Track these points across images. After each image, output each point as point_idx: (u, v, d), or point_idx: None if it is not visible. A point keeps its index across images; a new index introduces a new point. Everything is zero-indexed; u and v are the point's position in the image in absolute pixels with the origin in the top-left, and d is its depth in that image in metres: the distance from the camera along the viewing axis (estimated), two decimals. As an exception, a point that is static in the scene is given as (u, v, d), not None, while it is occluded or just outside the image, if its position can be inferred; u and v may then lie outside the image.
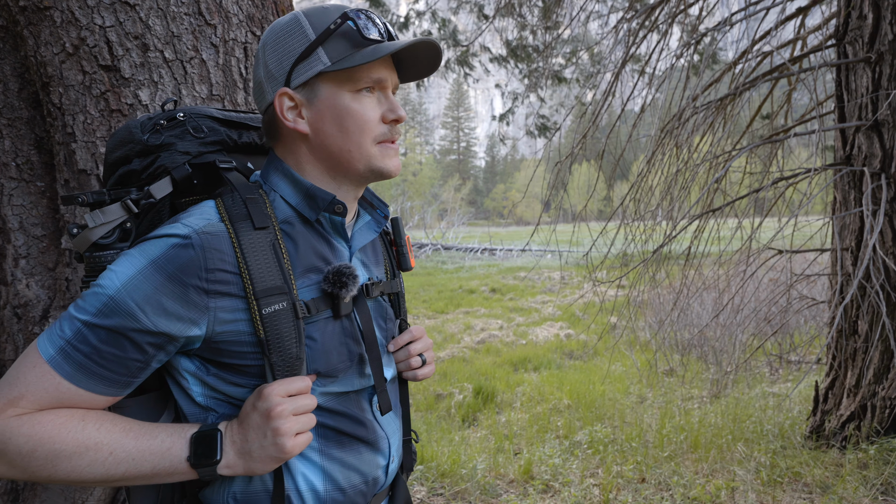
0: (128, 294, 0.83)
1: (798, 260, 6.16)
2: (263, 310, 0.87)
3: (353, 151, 0.95)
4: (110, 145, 1.00)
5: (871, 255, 3.12)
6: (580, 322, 10.26)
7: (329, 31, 0.92)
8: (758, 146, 4.24)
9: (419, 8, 7.59)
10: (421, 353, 1.12)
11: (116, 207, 0.93)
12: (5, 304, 1.72)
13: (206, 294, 0.85)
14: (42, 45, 1.52)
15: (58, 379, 0.83)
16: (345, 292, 0.93)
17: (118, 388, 0.86)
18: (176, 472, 0.86)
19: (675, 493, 3.21)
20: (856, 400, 3.57)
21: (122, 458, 0.84)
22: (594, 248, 4.49)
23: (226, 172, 0.97)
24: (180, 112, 1.01)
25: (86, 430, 0.84)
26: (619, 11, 6.54)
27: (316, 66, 0.92)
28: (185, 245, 0.85)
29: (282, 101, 0.94)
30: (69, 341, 0.83)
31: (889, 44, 3.28)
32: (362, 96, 0.95)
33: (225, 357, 0.90)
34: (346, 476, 0.97)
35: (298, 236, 0.96)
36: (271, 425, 0.84)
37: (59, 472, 0.83)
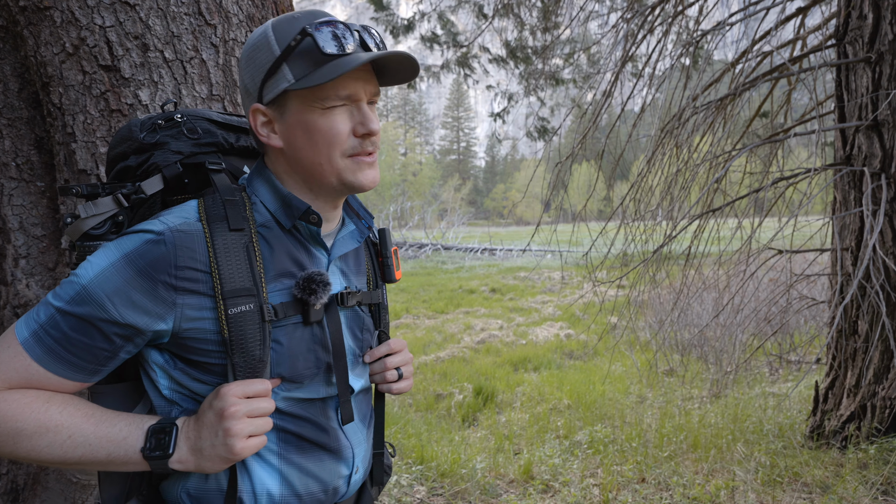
0: (99, 285, 0.85)
1: (798, 260, 6.16)
2: (230, 310, 0.88)
3: (323, 165, 0.95)
4: (112, 142, 1.04)
5: (871, 255, 3.12)
6: (580, 322, 10.26)
7: (290, 47, 0.90)
8: (758, 146, 4.24)
9: (423, 9, 7.59)
10: (398, 366, 1.11)
11: (108, 200, 0.95)
12: (5, 304, 1.72)
13: (174, 290, 0.87)
14: (42, 45, 1.52)
15: (28, 360, 0.86)
16: (314, 299, 0.94)
17: (86, 374, 0.89)
18: (129, 462, 0.87)
19: (674, 493, 3.21)
20: (856, 400, 3.57)
21: (80, 442, 0.86)
22: (594, 248, 4.49)
23: (213, 174, 0.99)
24: (178, 113, 1.03)
25: (48, 412, 0.86)
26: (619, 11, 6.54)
27: (282, 83, 0.92)
28: (157, 241, 0.87)
29: (256, 116, 0.95)
30: (42, 325, 0.86)
31: (889, 44, 3.28)
32: (331, 112, 0.93)
33: (191, 353, 0.91)
34: (304, 483, 0.97)
35: (275, 241, 0.97)
36: (223, 425, 0.85)
37: (19, 449, 0.85)
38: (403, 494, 3.29)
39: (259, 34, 0.94)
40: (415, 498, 3.28)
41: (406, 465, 3.67)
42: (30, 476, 1.69)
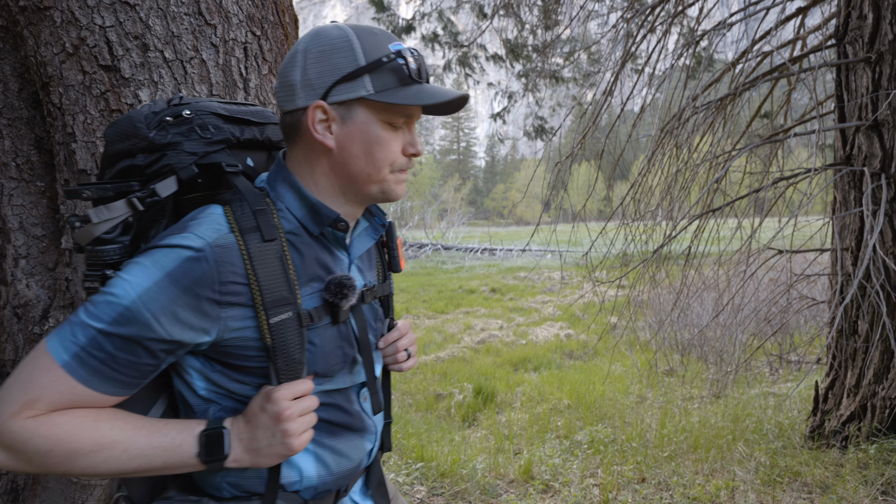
0: (143, 305, 0.85)
1: (798, 260, 6.16)
2: (271, 319, 0.91)
3: (372, 175, 0.99)
4: (111, 136, 0.99)
5: (871, 255, 3.12)
6: (580, 322, 10.26)
7: (381, 62, 0.94)
8: (758, 146, 4.24)
9: (425, 10, 7.59)
10: (406, 347, 1.18)
11: (121, 204, 0.93)
12: (5, 304, 1.72)
13: (218, 305, 0.88)
14: (42, 45, 1.52)
15: (73, 383, 0.85)
16: (345, 302, 0.98)
17: (129, 388, 0.90)
18: (186, 466, 0.91)
19: (674, 493, 3.21)
20: (856, 400, 3.57)
21: (135, 454, 0.88)
22: (594, 248, 4.49)
23: (233, 177, 0.98)
24: (186, 109, 1.00)
25: (100, 430, 0.87)
26: (619, 11, 6.54)
27: (359, 90, 0.94)
28: (198, 259, 0.87)
29: (315, 112, 0.95)
30: (84, 348, 0.85)
31: (889, 44, 3.28)
32: (393, 129, 0.98)
33: (231, 359, 0.93)
34: (337, 461, 1.04)
35: (303, 247, 0.99)
36: (281, 427, 0.90)
37: (75, 467, 0.86)
38: (403, 494, 3.29)
39: (339, 37, 0.95)
40: (415, 498, 3.28)
41: (406, 465, 3.67)
42: (30, 476, 1.69)
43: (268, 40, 1.73)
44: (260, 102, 1.70)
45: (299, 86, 0.96)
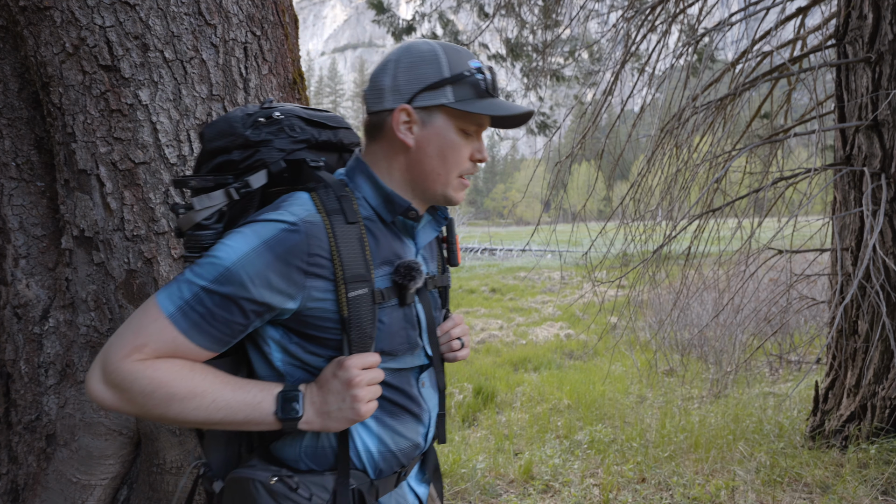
0: (242, 267, 0.96)
1: (798, 260, 6.15)
2: (349, 293, 1.01)
3: (441, 176, 1.11)
4: (209, 134, 1.11)
5: (871, 255, 3.12)
6: (580, 322, 10.26)
7: (463, 76, 1.07)
8: (758, 146, 4.24)
9: (424, 10, 7.59)
10: (460, 336, 1.27)
11: (219, 194, 1.06)
12: (5, 304, 1.72)
13: (304, 274, 0.99)
14: (42, 45, 1.52)
15: (175, 333, 0.96)
16: (412, 284, 1.07)
17: (220, 345, 1.00)
18: (263, 423, 1.00)
19: (674, 493, 3.21)
20: (856, 400, 3.57)
21: (222, 405, 0.98)
22: (594, 248, 4.48)
23: (316, 171, 1.11)
24: (277, 111, 1.13)
25: (194, 379, 0.97)
26: (619, 10, 6.54)
27: (440, 98, 1.07)
28: (293, 230, 0.98)
29: (400, 114, 1.07)
30: (187, 302, 0.97)
31: (889, 44, 3.28)
32: (465, 136, 1.10)
33: (309, 329, 1.04)
34: (395, 440, 1.13)
35: (378, 232, 1.10)
36: (351, 392, 0.99)
37: (170, 412, 0.96)
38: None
39: (428, 52, 1.09)
40: (415, 498, 3.28)
41: (406, 465, 3.67)
42: (30, 476, 1.69)
43: (268, 40, 1.73)
44: (260, 102, 1.70)
45: (388, 90, 1.09)
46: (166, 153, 1.56)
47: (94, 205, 1.56)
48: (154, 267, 1.57)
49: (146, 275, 1.57)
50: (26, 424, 1.69)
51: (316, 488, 1.03)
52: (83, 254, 1.61)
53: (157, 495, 1.65)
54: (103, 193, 1.55)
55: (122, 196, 1.55)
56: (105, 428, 1.63)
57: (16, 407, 1.71)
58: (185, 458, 1.64)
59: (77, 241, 1.61)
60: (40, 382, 1.68)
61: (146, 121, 1.53)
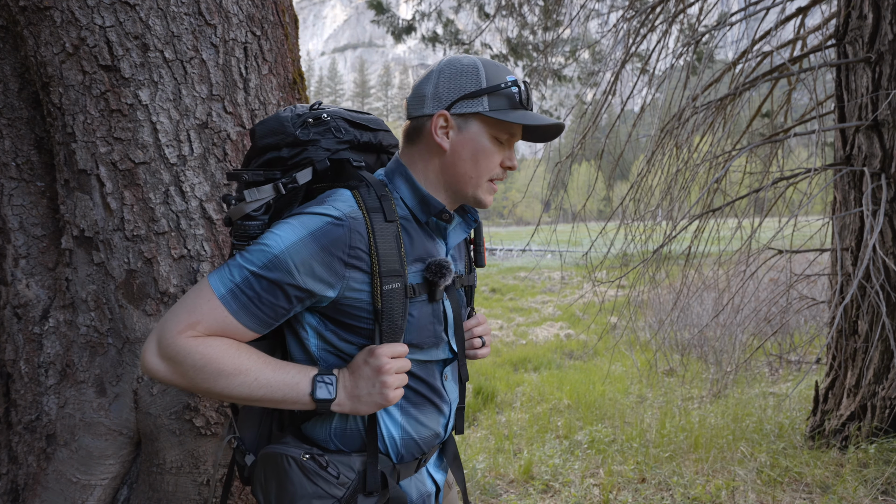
0: (289, 255, 1.04)
1: (798, 260, 6.15)
2: (384, 286, 1.08)
3: (472, 179, 1.18)
4: (261, 132, 1.18)
5: (871, 255, 3.12)
6: (580, 322, 10.26)
7: (499, 87, 1.15)
8: (758, 146, 4.24)
9: (423, 10, 7.58)
10: (481, 335, 1.34)
11: (269, 188, 1.13)
12: (5, 304, 1.72)
13: (345, 265, 1.07)
14: (42, 45, 1.52)
15: (225, 313, 1.05)
16: (442, 281, 1.14)
17: (264, 327, 1.08)
18: (298, 403, 1.07)
19: (675, 493, 3.21)
20: (856, 400, 3.57)
21: (263, 383, 1.05)
22: (594, 248, 4.48)
23: (359, 170, 1.18)
24: (324, 112, 1.20)
25: (240, 357, 1.05)
26: (619, 10, 6.54)
27: (477, 107, 1.15)
28: (337, 224, 1.06)
29: (439, 119, 1.15)
30: (238, 285, 1.05)
31: (889, 44, 3.28)
32: (496, 143, 1.18)
33: (344, 317, 1.11)
34: (417, 429, 1.20)
35: (413, 232, 1.17)
36: (380, 378, 1.06)
37: (216, 386, 1.04)
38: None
39: (469, 64, 1.17)
40: (415, 498, 3.28)
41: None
42: (30, 476, 1.69)
43: (268, 40, 1.73)
44: (260, 102, 1.70)
45: (429, 97, 1.18)
46: (166, 153, 1.56)
47: (94, 205, 1.56)
48: (154, 267, 1.57)
49: (146, 275, 1.57)
50: (26, 424, 1.69)
51: (343, 468, 1.11)
52: (83, 254, 1.61)
53: (157, 495, 1.65)
54: (103, 193, 1.55)
55: (122, 196, 1.55)
56: (105, 428, 1.63)
57: (16, 407, 1.71)
58: (185, 458, 1.64)
59: (77, 241, 1.61)
60: (40, 382, 1.68)
61: (146, 121, 1.53)
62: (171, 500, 1.65)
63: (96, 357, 1.64)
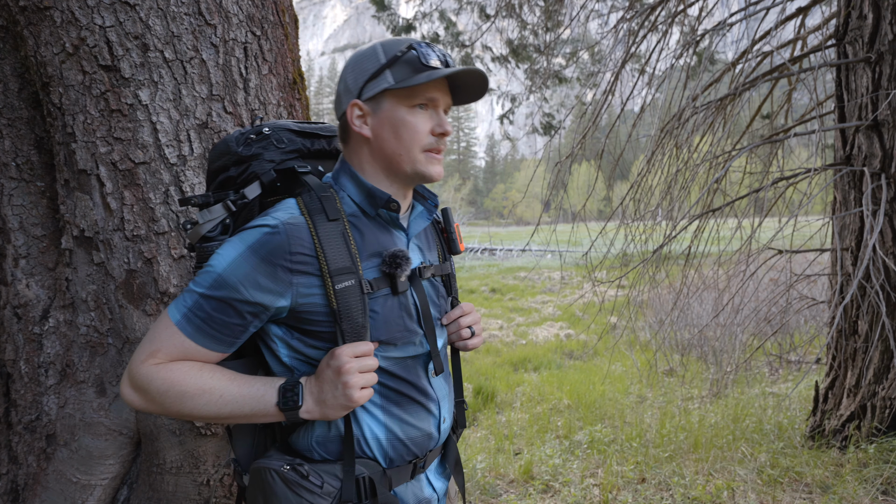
0: (231, 272, 1.05)
1: (798, 260, 6.15)
2: (336, 286, 1.07)
3: (403, 155, 1.15)
4: (211, 157, 1.22)
5: (871, 255, 3.12)
6: (580, 322, 10.26)
7: (396, 56, 1.12)
8: (758, 146, 4.24)
9: (424, 9, 7.58)
10: (470, 325, 1.31)
11: (219, 207, 1.15)
12: (5, 304, 1.72)
13: (290, 272, 1.06)
14: (42, 45, 1.52)
15: (182, 338, 1.06)
16: (399, 272, 1.12)
17: (224, 346, 1.09)
18: (268, 415, 1.07)
19: (675, 493, 3.21)
20: (856, 400, 3.57)
21: (229, 400, 1.06)
22: (594, 248, 4.48)
23: (304, 176, 1.18)
24: (265, 127, 1.22)
25: (203, 378, 1.06)
26: (619, 11, 6.54)
27: (382, 83, 1.12)
28: (273, 233, 1.06)
29: (353, 110, 1.15)
30: (190, 309, 1.06)
31: (889, 44, 3.28)
32: (416, 111, 1.14)
33: (305, 324, 1.10)
34: (404, 430, 1.17)
35: (363, 227, 1.16)
36: (341, 379, 1.04)
37: (185, 408, 1.06)
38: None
39: (368, 49, 1.16)
40: (415, 498, 3.28)
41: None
42: (30, 476, 1.69)
43: (268, 40, 1.73)
44: (260, 102, 1.71)
45: (342, 94, 1.18)
46: (166, 153, 1.56)
47: (94, 205, 1.56)
48: (154, 267, 1.57)
49: (146, 275, 1.57)
50: (26, 424, 1.69)
51: (327, 476, 1.09)
52: (83, 254, 1.61)
53: (157, 495, 1.65)
54: (103, 193, 1.55)
55: (122, 196, 1.55)
56: (105, 428, 1.63)
57: (16, 407, 1.71)
58: (185, 458, 1.64)
59: (77, 241, 1.61)
60: (40, 382, 1.68)
61: (146, 121, 1.53)
62: (171, 500, 1.65)
63: (96, 357, 1.64)
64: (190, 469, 1.64)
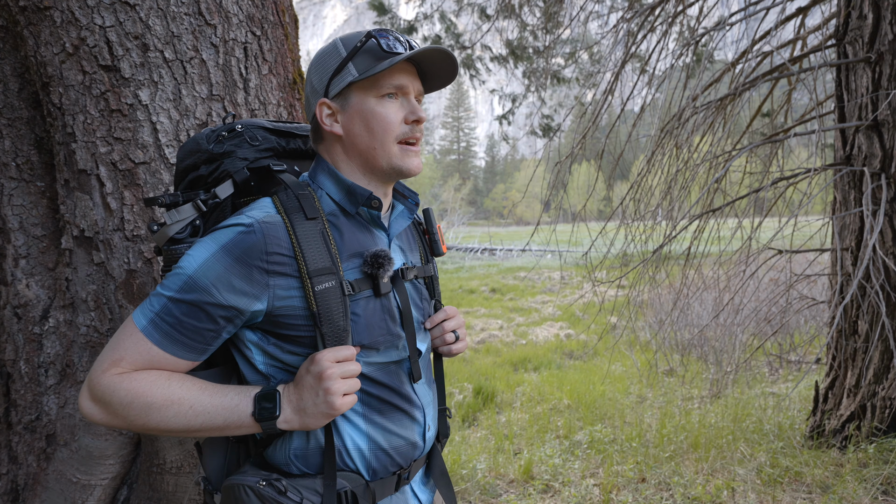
0: (203, 274, 0.98)
1: (798, 260, 6.15)
2: (315, 287, 1.01)
3: (377, 149, 1.10)
4: (180, 155, 1.16)
5: (871, 255, 3.12)
6: (580, 322, 10.26)
7: (356, 48, 1.08)
8: (758, 146, 4.24)
9: (425, 10, 7.58)
10: (454, 329, 1.26)
11: (188, 207, 1.09)
12: (5, 304, 1.72)
13: (266, 273, 1.00)
14: (42, 45, 1.52)
15: (149, 345, 0.99)
16: (382, 272, 1.07)
17: (195, 353, 1.02)
18: (243, 426, 1.01)
19: (675, 493, 3.21)
20: (856, 400, 3.57)
21: (200, 411, 0.99)
22: (594, 248, 4.48)
23: (279, 174, 1.13)
24: (238, 124, 1.16)
25: (171, 388, 0.99)
26: (619, 11, 6.54)
27: (346, 77, 1.09)
28: (248, 232, 1.00)
29: (321, 109, 1.11)
30: (157, 314, 0.99)
31: (889, 44, 3.28)
32: (386, 101, 1.09)
33: (282, 329, 1.04)
34: (387, 438, 1.11)
35: (343, 226, 1.10)
36: (323, 385, 0.98)
37: (151, 421, 0.98)
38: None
39: (329, 46, 1.12)
40: (415, 498, 3.28)
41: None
42: (30, 476, 1.69)
43: (268, 40, 1.73)
44: (260, 102, 1.71)
45: (310, 95, 1.14)
46: (166, 153, 1.56)
47: (94, 205, 1.56)
48: (154, 267, 1.57)
49: (146, 275, 1.57)
50: (26, 424, 1.69)
51: (307, 492, 1.02)
52: (83, 254, 1.61)
53: (157, 495, 1.65)
54: (103, 193, 1.55)
55: (122, 196, 1.55)
56: (105, 428, 1.63)
57: (16, 407, 1.71)
58: (185, 458, 1.64)
59: (77, 241, 1.62)
60: (40, 382, 1.68)
61: (146, 121, 1.53)
62: (171, 500, 1.65)
63: (96, 357, 1.64)
64: (190, 469, 1.64)
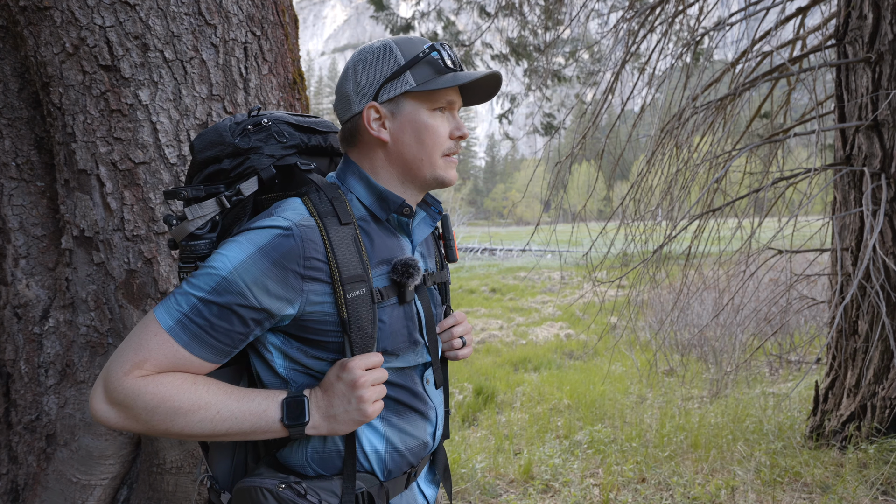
0: (239, 276, 0.96)
1: (798, 260, 6.15)
2: (347, 294, 1.01)
3: (424, 160, 1.10)
4: (199, 145, 1.11)
5: (871, 255, 3.12)
6: (580, 322, 10.26)
7: (417, 58, 1.07)
8: (758, 146, 4.24)
9: (422, 9, 7.58)
10: (462, 335, 1.27)
11: (211, 203, 1.06)
12: (5, 304, 1.72)
13: (302, 278, 0.99)
14: (42, 45, 1.52)
15: (176, 346, 0.96)
16: (411, 281, 1.07)
17: (221, 356, 1.00)
18: (270, 431, 1.00)
19: (675, 493, 3.21)
20: (856, 400, 3.57)
21: (227, 416, 0.98)
22: (594, 248, 4.48)
23: (308, 174, 1.11)
24: (265, 118, 1.13)
25: (198, 392, 0.97)
26: (620, 10, 6.54)
27: (403, 85, 1.08)
28: (287, 235, 0.98)
29: (369, 112, 1.09)
30: (186, 314, 0.96)
31: (889, 44, 3.28)
32: (436, 115, 1.10)
33: (309, 333, 1.03)
34: (403, 440, 1.12)
35: (373, 232, 1.10)
36: (356, 393, 0.98)
37: (174, 426, 0.96)
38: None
39: (381, 47, 1.10)
40: (415, 498, 3.27)
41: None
42: (30, 476, 1.69)
43: (268, 40, 1.73)
44: (260, 102, 1.71)
45: (353, 95, 1.11)
46: (166, 153, 1.56)
47: (94, 205, 1.56)
48: (154, 267, 1.57)
49: (146, 275, 1.57)
50: (26, 424, 1.69)
51: (325, 493, 1.02)
52: (83, 254, 1.61)
53: (157, 495, 1.65)
54: (103, 193, 1.55)
55: (122, 196, 1.55)
56: (105, 428, 1.63)
57: (16, 407, 1.71)
58: (185, 458, 1.64)
59: (77, 241, 1.61)
60: (40, 382, 1.68)
61: (146, 121, 1.53)
62: (171, 500, 1.65)
63: (96, 357, 1.64)
64: (190, 469, 1.64)
